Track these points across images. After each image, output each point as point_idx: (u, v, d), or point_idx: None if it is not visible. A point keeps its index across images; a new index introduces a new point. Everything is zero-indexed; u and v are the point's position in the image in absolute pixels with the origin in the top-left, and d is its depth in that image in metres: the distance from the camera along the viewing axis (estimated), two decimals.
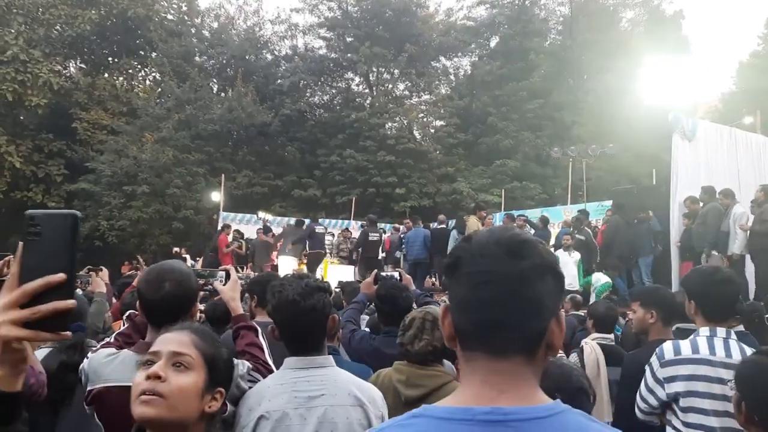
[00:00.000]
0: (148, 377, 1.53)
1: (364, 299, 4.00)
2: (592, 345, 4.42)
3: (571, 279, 10.94)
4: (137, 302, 3.62)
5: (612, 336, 4.77)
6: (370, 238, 14.25)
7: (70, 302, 1.02)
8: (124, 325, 2.85)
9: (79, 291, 4.56)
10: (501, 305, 1.01)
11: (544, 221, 13.91)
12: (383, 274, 4.07)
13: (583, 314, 6.39)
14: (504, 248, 1.03)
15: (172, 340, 1.62)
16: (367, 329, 4.08)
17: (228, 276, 2.64)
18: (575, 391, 1.96)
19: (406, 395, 2.55)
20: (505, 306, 1.01)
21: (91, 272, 5.06)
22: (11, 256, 3.95)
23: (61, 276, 1.03)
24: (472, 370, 1.05)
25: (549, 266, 1.04)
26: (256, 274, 9.24)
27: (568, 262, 11.20)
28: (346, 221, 20.83)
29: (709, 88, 26.62)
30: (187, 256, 16.51)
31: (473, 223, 12.79)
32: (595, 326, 4.79)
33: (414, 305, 3.82)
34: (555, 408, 1.01)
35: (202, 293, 2.62)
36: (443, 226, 14.30)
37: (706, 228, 9.51)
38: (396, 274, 4.06)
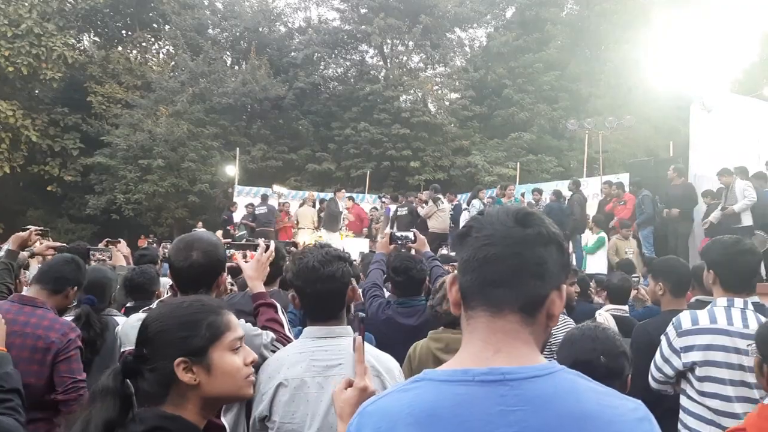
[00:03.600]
0: (251, 364, 1.67)
1: (382, 257, 4.08)
2: (605, 316, 4.46)
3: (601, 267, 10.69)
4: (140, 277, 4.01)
5: (626, 307, 4.83)
6: (399, 213, 14.25)
7: None
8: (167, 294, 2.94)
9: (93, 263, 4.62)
10: (503, 264, 1.07)
11: (558, 194, 13.87)
12: (397, 234, 4.13)
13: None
14: (512, 217, 1.10)
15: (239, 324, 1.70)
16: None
17: (261, 250, 2.69)
18: (618, 354, 2.08)
19: (446, 361, 2.59)
20: (506, 264, 1.07)
21: (110, 245, 5.10)
22: (33, 228, 4.02)
23: None
24: (473, 329, 1.11)
25: (554, 237, 1.10)
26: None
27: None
28: (362, 195, 20.82)
29: (730, 59, 26.08)
30: (203, 230, 16.66)
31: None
32: (609, 297, 4.86)
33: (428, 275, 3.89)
34: (550, 368, 1.06)
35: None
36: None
37: None
38: (410, 235, 4.10)
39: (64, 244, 4.80)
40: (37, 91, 25.14)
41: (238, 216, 16.78)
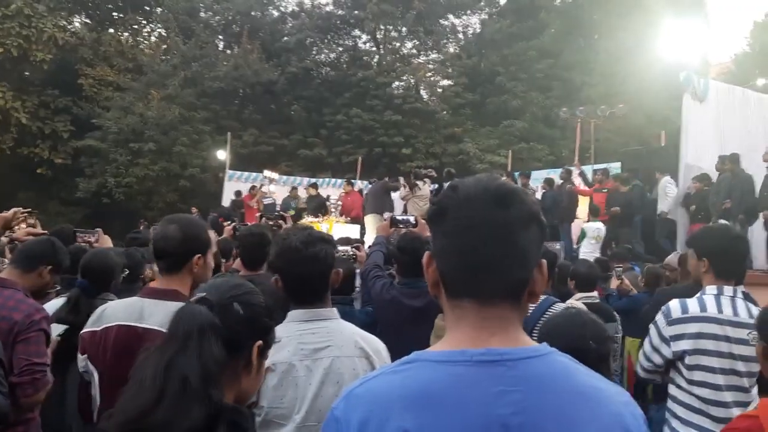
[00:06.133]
0: None
1: (383, 240, 4.11)
2: (577, 306, 4.45)
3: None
4: None
5: (596, 294, 4.89)
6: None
7: None
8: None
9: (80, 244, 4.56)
10: (489, 251, 1.03)
11: (550, 183, 13.89)
12: (398, 218, 4.13)
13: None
14: (491, 195, 1.05)
15: None
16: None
17: None
18: (606, 339, 2.15)
19: None
20: (493, 252, 1.03)
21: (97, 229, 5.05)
22: (19, 209, 3.96)
23: None
24: (460, 316, 1.08)
25: (534, 215, 1.07)
26: None
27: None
28: (352, 181, 20.70)
29: (722, 48, 26.13)
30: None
31: None
32: (577, 286, 4.89)
33: None
34: (542, 349, 1.06)
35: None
36: None
37: (719, 198, 9.89)
38: (411, 219, 4.09)
39: (46, 232, 4.71)
40: (27, 73, 24.78)
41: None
